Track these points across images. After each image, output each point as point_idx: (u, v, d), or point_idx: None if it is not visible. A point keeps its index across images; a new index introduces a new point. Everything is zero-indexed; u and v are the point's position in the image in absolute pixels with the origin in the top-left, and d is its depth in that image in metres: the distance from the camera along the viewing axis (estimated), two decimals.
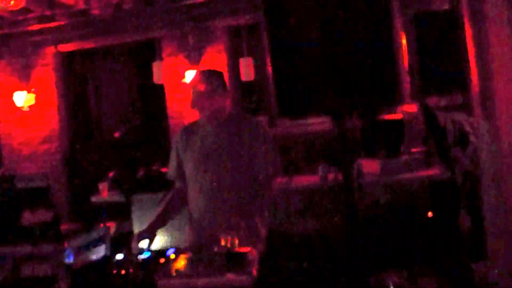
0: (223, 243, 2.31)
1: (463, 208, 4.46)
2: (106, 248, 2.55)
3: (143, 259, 2.47)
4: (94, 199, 5.15)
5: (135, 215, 5.15)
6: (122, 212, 5.22)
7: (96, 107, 7.42)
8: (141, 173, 5.06)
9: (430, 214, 4.27)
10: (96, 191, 5.42)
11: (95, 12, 6.70)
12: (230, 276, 2.09)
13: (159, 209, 2.86)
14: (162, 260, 2.40)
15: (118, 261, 2.42)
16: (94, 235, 2.46)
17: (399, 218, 4.21)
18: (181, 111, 6.79)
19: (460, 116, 4.58)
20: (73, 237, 2.31)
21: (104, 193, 5.18)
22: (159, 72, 5.48)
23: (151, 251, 2.56)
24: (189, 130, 2.84)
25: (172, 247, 2.60)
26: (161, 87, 6.80)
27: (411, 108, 5.83)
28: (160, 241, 3.00)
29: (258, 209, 2.64)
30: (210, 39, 6.57)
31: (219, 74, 2.73)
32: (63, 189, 6.95)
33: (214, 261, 2.23)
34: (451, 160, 4.54)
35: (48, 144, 7.08)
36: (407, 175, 4.46)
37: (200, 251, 2.39)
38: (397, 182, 4.40)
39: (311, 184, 4.50)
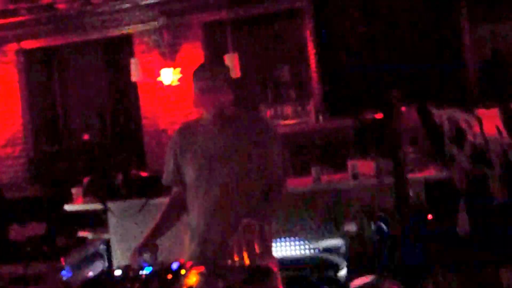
0: (238, 255, 2.03)
1: (461, 209, 4.31)
2: (103, 263, 2.23)
3: (147, 276, 2.16)
4: (67, 207, 4.73)
5: (112, 223, 4.81)
6: (97, 220, 4.86)
7: (64, 107, 6.97)
8: (119, 178, 4.68)
9: (430, 216, 4.10)
10: (67, 197, 5.00)
11: (61, 6, 6.29)
12: None
13: (156, 218, 2.54)
14: (169, 276, 2.09)
15: (119, 278, 2.11)
16: (90, 249, 2.14)
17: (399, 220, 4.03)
18: (155, 111, 6.47)
19: (456, 114, 4.44)
20: (68, 253, 1.99)
21: (79, 200, 4.77)
22: (136, 70, 5.13)
23: (153, 266, 2.24)
24: (188, 129, 2.53)
25: (175, 261, 2.29)
26: (134, 86, 6.45)
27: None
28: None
29: (268, 217, 2.37)
30: (186, 35, 6.27)
31: (225, 66, 2.44)
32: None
33: (233, 277, 1.95)
34: (447, 159, 4.39)
35: (11, 147, 6.63)
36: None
37: (214, 265, 2.10)
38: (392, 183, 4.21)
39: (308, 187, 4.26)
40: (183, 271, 2.09)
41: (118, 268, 2.23)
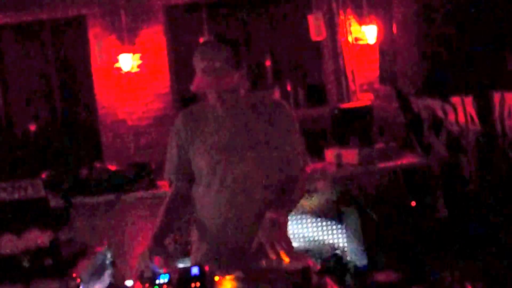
0: (275, 255, 1.84)
1: (439, 195, 4.35)
2: (110, 275, 1.97)
3: (164, 284, 1.92)
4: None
5: (76, 221, 4.45)
6: (59, 218, 4.47)
7: (4, 95, 6.37)
8: (84, 172, 4.31)
9: (413, 203, 4.11)
10: None
11: None
12: None
13: (159, 217, 2.27)
14: (197, 285, 1.85)
15: None
16: (97, 260, 1.87)
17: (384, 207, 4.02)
18: (113, 100, 6.06)
19: (432, 102, 4.47)
20: (77, 265, 1.72)
21: None
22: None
23: (168, 273, 2.00)
24: (195, 116, 2.24)
25: (194, 265, 2.05)
26: (88, 73, 6.02)
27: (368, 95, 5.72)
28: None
29: (289, 209, 2.18)
30: (147, 18, 5.89)
31: (231, 45, 2.14)
32: None
33: (277, 282, 1.77)
34: (426, 146, 4.41)
35: None
36: (385, 164, 4.26)
37: (249, 268, 1.89)
38: (376, 171, 4.18)
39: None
40: (216, 278, 1.87)
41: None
